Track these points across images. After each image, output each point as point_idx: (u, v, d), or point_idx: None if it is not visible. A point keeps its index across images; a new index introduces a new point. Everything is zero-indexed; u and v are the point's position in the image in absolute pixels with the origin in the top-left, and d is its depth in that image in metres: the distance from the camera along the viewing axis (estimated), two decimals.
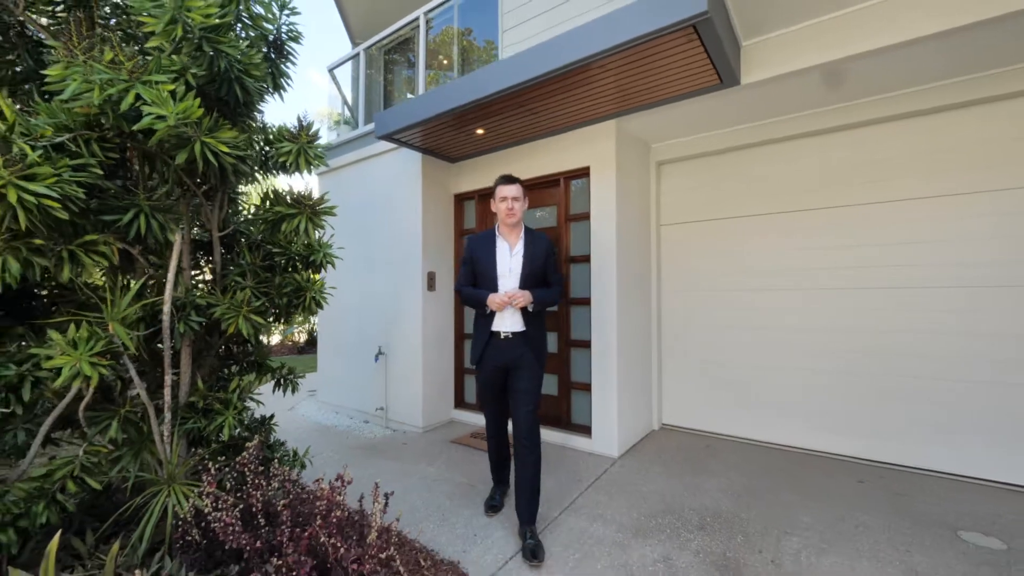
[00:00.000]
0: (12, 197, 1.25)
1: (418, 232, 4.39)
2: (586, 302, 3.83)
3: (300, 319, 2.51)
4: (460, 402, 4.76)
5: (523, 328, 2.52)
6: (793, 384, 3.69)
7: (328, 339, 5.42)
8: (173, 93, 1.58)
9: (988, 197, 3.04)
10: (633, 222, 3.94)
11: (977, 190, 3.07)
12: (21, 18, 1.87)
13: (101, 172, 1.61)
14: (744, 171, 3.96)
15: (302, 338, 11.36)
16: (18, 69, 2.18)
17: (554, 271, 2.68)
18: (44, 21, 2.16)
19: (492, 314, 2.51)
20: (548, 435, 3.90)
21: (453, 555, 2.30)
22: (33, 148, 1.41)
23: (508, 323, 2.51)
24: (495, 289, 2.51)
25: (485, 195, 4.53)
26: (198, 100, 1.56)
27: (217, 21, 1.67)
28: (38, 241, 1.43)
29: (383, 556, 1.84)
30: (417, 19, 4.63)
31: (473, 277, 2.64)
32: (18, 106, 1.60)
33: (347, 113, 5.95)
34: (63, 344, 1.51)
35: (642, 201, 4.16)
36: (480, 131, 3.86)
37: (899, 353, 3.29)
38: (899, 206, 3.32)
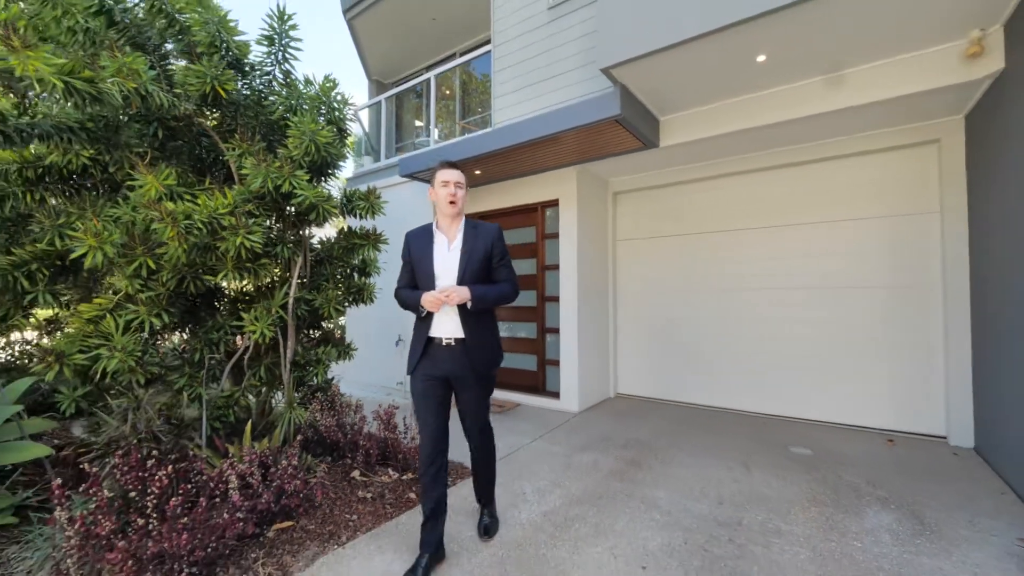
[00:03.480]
0: (247, 244, 2.54)
1: None
2: (557, 299, 5.14)
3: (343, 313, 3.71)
4: None
5: (463, 335, 2.15)
6: (714, 361, 5.01)
7: (356, 330, 6.70)
8: (309, 181, 2.88)
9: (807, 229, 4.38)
10: (592, 239, 5.25)
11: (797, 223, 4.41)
12: (196, 120, 3.13)
13: (267, 224, 2.91)
14: (677, 201, 5.29)
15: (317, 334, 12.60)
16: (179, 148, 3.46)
17: (502, 266, 2.26)
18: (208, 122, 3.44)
19: (430, 317, 2.18)
20: (528, 400, 5.21)
21: (457, 460, 3.59)
22: (244, 215, 2.70)
23: (447, 328, 2.16)
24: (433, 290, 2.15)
25: (482, 216, 5.83)
26: (324, 187, 2.86)
27: (331, 139, 2.96)
28: (248, 264, 2.73)
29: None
30: (428, 79, 5.94)
31: (412, 278, 2.30)
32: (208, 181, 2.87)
33: (366, 140, 7.29)
34: (251, 318, 2.81)
35: (601, 223, 5.48)
36: (477, 172, 5.16)
37: (780, 339, 4.61)
38: (789, 229, 4.64)
